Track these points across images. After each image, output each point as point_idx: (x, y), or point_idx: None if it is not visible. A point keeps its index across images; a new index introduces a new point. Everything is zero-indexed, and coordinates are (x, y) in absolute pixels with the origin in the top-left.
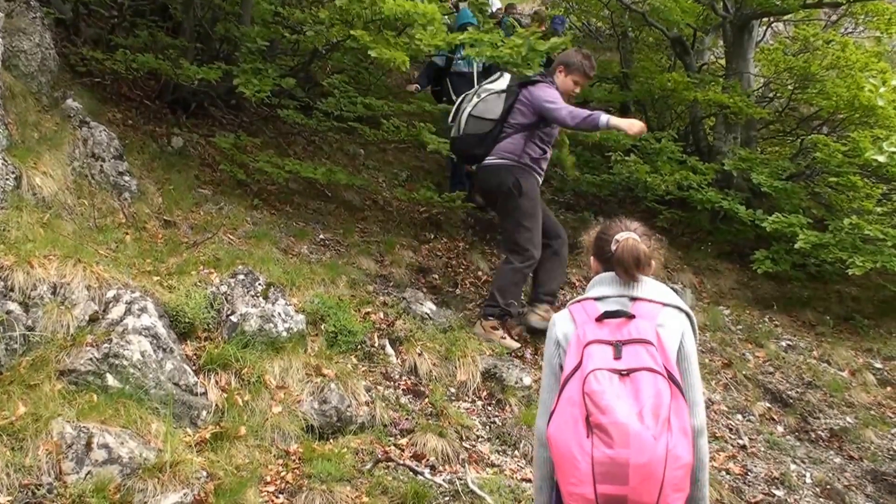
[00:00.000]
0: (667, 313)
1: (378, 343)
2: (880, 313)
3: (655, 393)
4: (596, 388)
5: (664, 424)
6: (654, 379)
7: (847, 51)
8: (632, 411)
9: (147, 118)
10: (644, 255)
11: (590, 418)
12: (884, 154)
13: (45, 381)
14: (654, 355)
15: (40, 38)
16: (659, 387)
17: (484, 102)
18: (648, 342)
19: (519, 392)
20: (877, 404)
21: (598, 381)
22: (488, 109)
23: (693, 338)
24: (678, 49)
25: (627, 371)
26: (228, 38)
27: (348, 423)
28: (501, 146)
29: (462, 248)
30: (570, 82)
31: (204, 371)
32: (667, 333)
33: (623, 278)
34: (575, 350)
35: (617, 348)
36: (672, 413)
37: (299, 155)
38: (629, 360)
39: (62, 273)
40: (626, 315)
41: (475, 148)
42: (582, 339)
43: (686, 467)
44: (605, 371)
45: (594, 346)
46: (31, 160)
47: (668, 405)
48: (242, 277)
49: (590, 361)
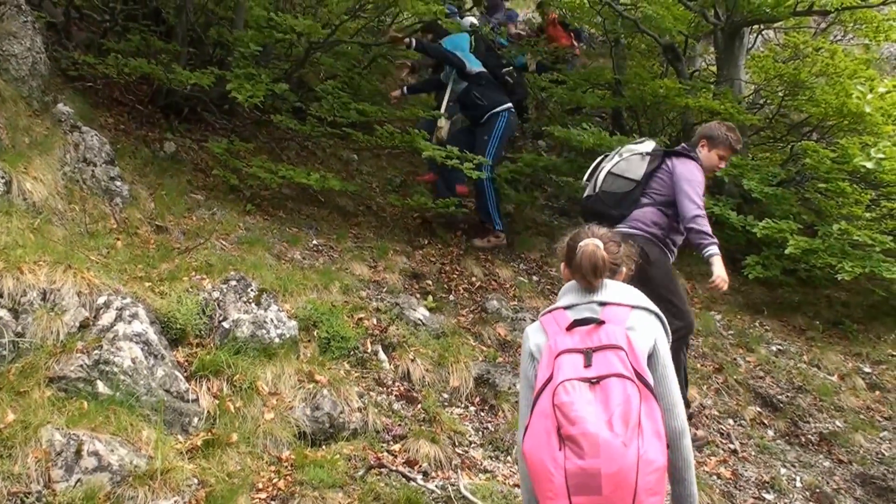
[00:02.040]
0: (636, 316)
1: (371, 349)
2: (869, 318)
3: (624, 399)
4: (565, 400)
5: (634, 430)
6: (622, 385)
7: (836, 58)
8: (601, 420)
9: (139, 123)
10: (602, 262)
11: (561, 430)
12: (871, 160)
13: (35, 388)
14: (623, 360)
15: (31, 43)
16: (628, 392)
17: (626, 162)
18: (618, 347)
19: (512, 397)
20: (866, 408)
21: (567, 391)
22: (630, 169)
23: (665, 340)
24: (670, 56)
25: (597, 379)
26: (221, 42)
27: (341, 430)
28: (634, 214)
29: (456, 253)
30: (714, 157)
31: (195, 377)
32: (637, 336)
33: (583, 284)
34: (547, 361)
35: (587, 356)
36: (643, 416)
37: (293, 160)
38: (599, 367)
39: (52, 279)
40: (595, 321)
41: (612, 208)
42: (553, 349)
43: (660, 471)
44: (574, 381)
45: (564, 357)
46: (22, 165)
47: (637, 410)
48: (235, 283)
49: (559, 373)
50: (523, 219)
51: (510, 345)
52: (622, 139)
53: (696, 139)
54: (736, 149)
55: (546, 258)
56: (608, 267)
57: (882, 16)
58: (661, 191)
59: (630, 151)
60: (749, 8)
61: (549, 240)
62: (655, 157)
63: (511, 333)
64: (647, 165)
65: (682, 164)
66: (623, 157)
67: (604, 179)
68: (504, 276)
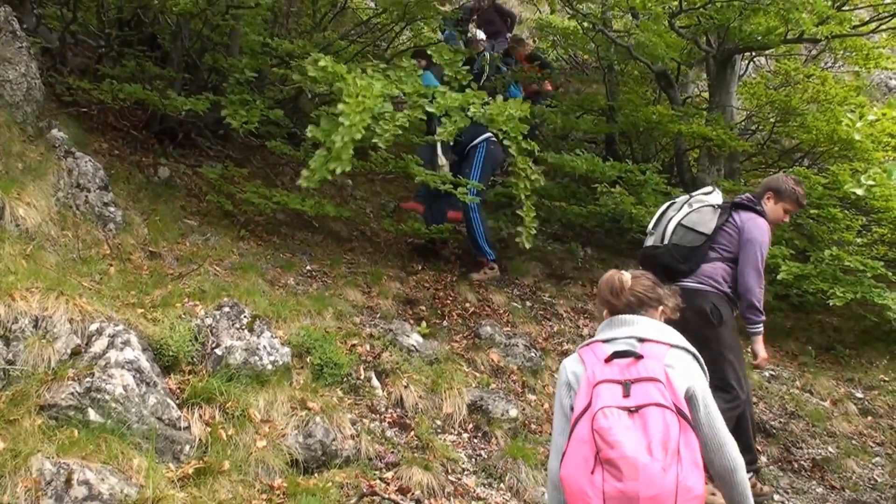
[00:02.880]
0: (675, 354)
1: (364, 375)
2: (861, 343)
3: (664, 427)
4: (604, 425)
5: (674, 456)
6: (662, 413)
7: (826, 85)
8: (640, 445)
9: (134, 148)
10: (620, 283)
11: (599, 454)
12: (862, 187)
13: (25, 416)
14: (662, 392)
15: (26, 68)
16: (667, 420)
17: (697, 213)
18: (657, 380)
19: (505, 424)
20: (858, 434)
21: (607, 417)
22: (701, 222)
23: (704, 381)
24: (663, 82)
25: (636, 407)
26: (217, 68)
27: (333, 457)
28: (703, 269)
29: (450, 279)
30: (780, 210)
31: (188, 405)
32: (675, 374)
33: (608, 310)
34: (585, 390)
35: (626, 387)
36: (682, 445)
37: (287, 185)
38: (638, 397)
39: (44, 306)
40: (634, 355)
41: (681, 262)
42: (591, 379)
43: (698, 499)
44: (613, 408)
45: (603, 386)
46: (15, 191)
47: (676, 438)
48: (228, 310)
49: (598, 400)
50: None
51: (503, 371)
52: (614, 165)
53: (761, 191)
54: (803, 204)
55: (539, 283)
56: (631, 293)
57: (871, 44)
58: (729, 247)
59: (700, 203)
60: (741, 36)
61: (543, 265)
62: (724, 211)
63: (504, 359)
64: (716, 219)
65: (752, 221)
66: (694, 209)
67: (673, 231)
68: (497, 301)
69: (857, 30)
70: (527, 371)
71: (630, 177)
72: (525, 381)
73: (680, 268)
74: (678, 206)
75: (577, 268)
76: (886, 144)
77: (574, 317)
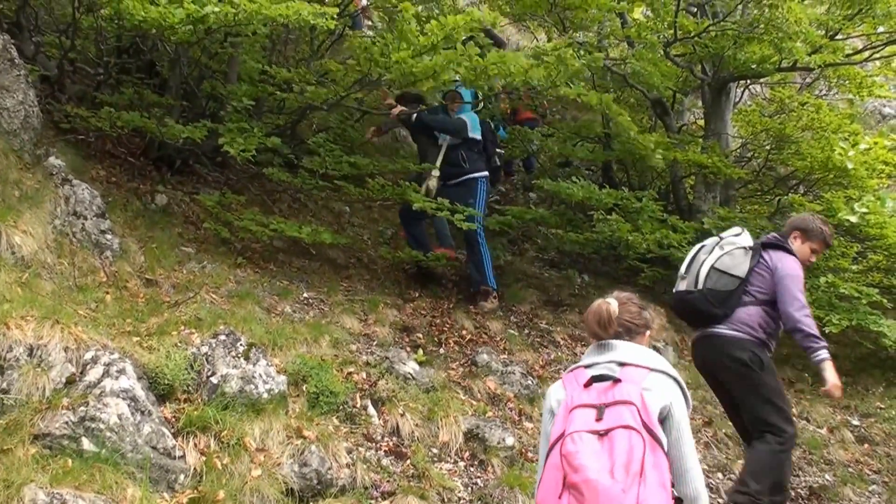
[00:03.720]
0: (654, 378)
1: (360, 404)
2: (857, 370)
3: (628, 449)
4: (571, 450)
5: (635, 477)
6: (628, 435)
7: (821, 113)
8: (604, 468)
9: (131, 175)
10: (608, 315)
11: (566, 478)
12: (856, 215)
13: (19, 445)
14: (634, 414)
15: (24, 96)
16: (632, 442)
17: (730, 256)
18: (631, 403)
19: (501, 452)
20: (855, 461)
21: (575, 442)
22: (734, 265)
23: (683, 405)
24: (658, 110)
25: (605, 431)
26: (214, 96)
27: (329, 486)
28: (739, 315)
29: (447, 307)
30: (807, 250)
31: (183, 434)
32: (651, 396)
33: (594, 339)
34: (562, 416)
35: (600, 410)
36: (648, 466)
37: (284, 212)
38: (609, 420)
39: (39, 334)
40: (612, 379)
41: (715, 307)
42: (569, 404)
43: None
44: (583, 433)
45: (578, 411)
46: (11, 219)
47: (640, 459)
48: (224, 338)
49: (570, 425)
50: (513, 271)
51: (500, 399)
52: (611, 192)
53: (787, 230)
54: (830, 243)
55: (536, 311)
56: (619, 323)
57: (865, 72)
58: (763, 288)
59: (732, 245)
60: (735, 64)
61: (539, 292)
62: (755, 252)
63: (501, 387)
64: (749, 261)
65: (784, 259)
66: (726, 252)
67: (707, 275)
68: (494, 328)
69: (850, 58)
70: (523, 399)
71: (626, 204)
72: (522, 408)
73: (715, 313)
74: (709, 248)
75: (574, 295)
76: (880, 172)
77: (571, 344)
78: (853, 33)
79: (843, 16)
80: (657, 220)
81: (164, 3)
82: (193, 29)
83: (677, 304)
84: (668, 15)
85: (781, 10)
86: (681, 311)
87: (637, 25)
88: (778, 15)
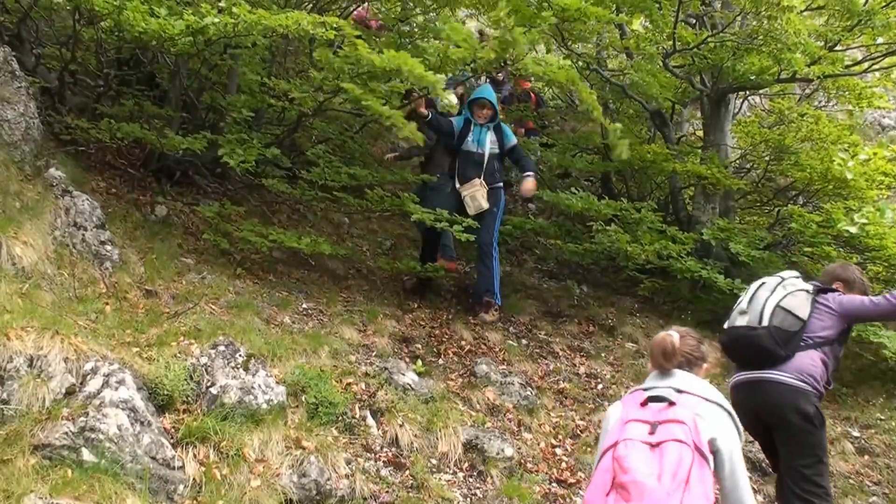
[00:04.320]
0: (707, 406)
1: (359, 414)
2: (858, 381)
3: (678, 459)
4: (623, 454)
5: (681, 484)
6: (679, 447)
7: (820, 124)
8: (652, 473)
9: (131, 186)
10: (671, 346)
11: (615, 479)
12: (855, 226)
13: (19, 455)
14: (686, 433)
15: (25, 108)
16: (682, 454)
17: (794, 297)
18: (683, 422)
19: (500, 463)
20: (855, 473)
21: (627, 447)
22: (799, 306)
23: (736, 437)
24: (657, 121)
25: (657, 443)
26: (214, 107)
27: (328, 497)
28: (799, 363)
29: (446, 317)
30: None
31: (182, 444)
32: (703, 423)
33: (656, 369)
34: (617, 428)
35: (653, 426)
36: (694, 478)
37: (284, 223)
38: (661, 434)
39: (39, 345)
40: (668, 401)
41: (781, 347)
42: (625, 418)
43: None
44: (636, 441)
45: (632, 423)
46: (12, 230)
47: (687, 469)
48: (223, 348)
49: (624, 434)
50: (512, 282)
51: (499, 409)
52: (610, 203)
53: (828, 280)
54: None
55: (535, 321)
56: (681, 354)
57: (864, 83)
58: (821, 332)
59: (794, 286)
60: (734, 75)
61: (539, 303)
62: (814, 296)
63: (500, 398)
64: (809, 305)
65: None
66: (789, 292)
67: (772, 313)
68: (493, 339)
69: (849, 69)
70: (523, 410)
71: (625, 215)
72: (521, 419)
73: (779, 352)
74: (770, 287)
75: (574, 306)
76: (880, 183)
77: (570, 355)
78: (852, 44)
79: (843, 27)
80: (656, 231)
81: (165, 14)
82: (193, 40)
83: (735, 339)
84: (666, 26)
85: (780, 21)
86: (737, 347)
87: (636, 37)
88: (777, 26)
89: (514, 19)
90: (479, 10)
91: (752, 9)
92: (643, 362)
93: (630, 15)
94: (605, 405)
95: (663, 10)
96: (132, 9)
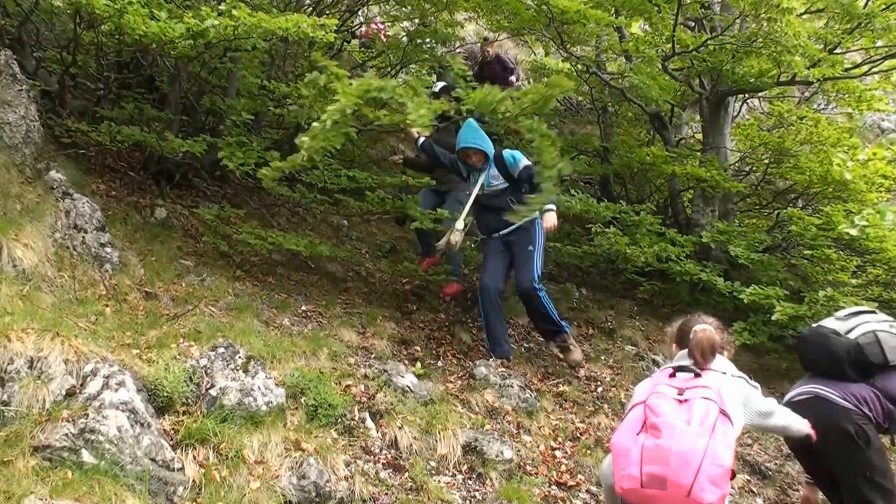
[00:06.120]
0: (731, 380)
1: (358, 416)
2: None
3: (705, 410)
4: (654, 402)
5: (708, 429)
6: (706, 403)
7: (819, 127)
8: (682, 418)
9: (131, 189)
10: (716, 344)
11: (646, 421)
12: (855, 228)
13: (19, 457)
14: (711, 396)
15: (25, 111)
16: (709, 407)
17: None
18: (709, 388)
19: (500, 466)
20: None
21: (658, 397)
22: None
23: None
24: (657, 124)
25: (685, 399)
26: (214, 110)
27: (327, 499)
28: (860, 392)
29: (444, 320)
30: None
31: (181, 446)
32: (727, 391)
33: (695, 359)
34: (647, 389)
35: (681, 391)
36: (719, 428)
37: (283, 226)
38: (689, 394)
39: (40, 347)
40: (694, 372)
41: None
42: (654, 383)
43: (723, 468)
44: (666, 394)
45: (662, 386)
46: (13, 232)
47: (714, 419)
48: (223, 350)
49: (655, 390)
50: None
51: (498, 412)
52: (609, 206)
53: None
54: None
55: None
56: (719, 349)
57: (864, 86)
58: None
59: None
60: (734, 78)
61: None
62: None
63: (499, 400)
64: None
65: None
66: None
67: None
68: None
69: (849, 72)
70: (522, 412)
71: (624, 217)
72: (520, 422)
73: (846, 370)
74: (877, 316)
75: (573, 308)
76: (880, 186)
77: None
78: (852, 47)
79: (842, 30)
80: (655, 234)
81: (165, 17)
82: (193, 43)
83: (814, 337)
84: (666, 29)
85: (780, 23)
86: (810, 346)
87: (635, 40)
88: (776, 29)
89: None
90: (477, 14)
91: (751, 11)
92: (643, 365)
93: (629, 18)
94: (604, 408)
95: (662, 13)
96: (133, 12)
